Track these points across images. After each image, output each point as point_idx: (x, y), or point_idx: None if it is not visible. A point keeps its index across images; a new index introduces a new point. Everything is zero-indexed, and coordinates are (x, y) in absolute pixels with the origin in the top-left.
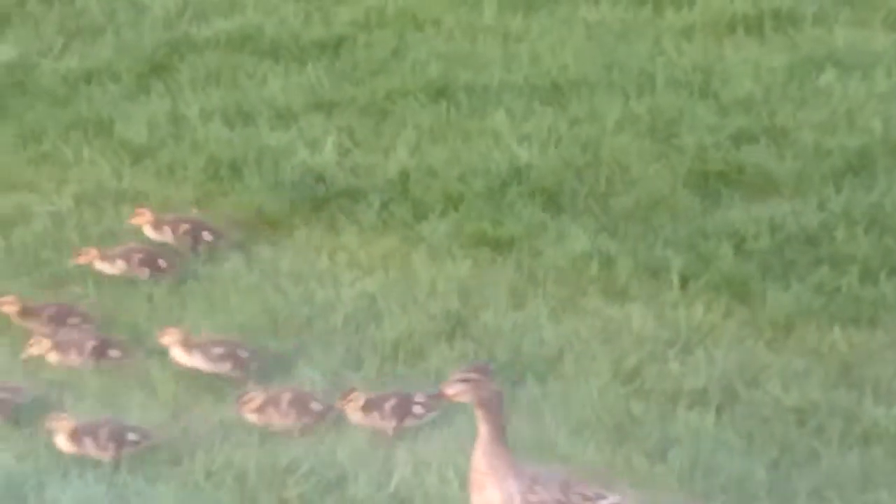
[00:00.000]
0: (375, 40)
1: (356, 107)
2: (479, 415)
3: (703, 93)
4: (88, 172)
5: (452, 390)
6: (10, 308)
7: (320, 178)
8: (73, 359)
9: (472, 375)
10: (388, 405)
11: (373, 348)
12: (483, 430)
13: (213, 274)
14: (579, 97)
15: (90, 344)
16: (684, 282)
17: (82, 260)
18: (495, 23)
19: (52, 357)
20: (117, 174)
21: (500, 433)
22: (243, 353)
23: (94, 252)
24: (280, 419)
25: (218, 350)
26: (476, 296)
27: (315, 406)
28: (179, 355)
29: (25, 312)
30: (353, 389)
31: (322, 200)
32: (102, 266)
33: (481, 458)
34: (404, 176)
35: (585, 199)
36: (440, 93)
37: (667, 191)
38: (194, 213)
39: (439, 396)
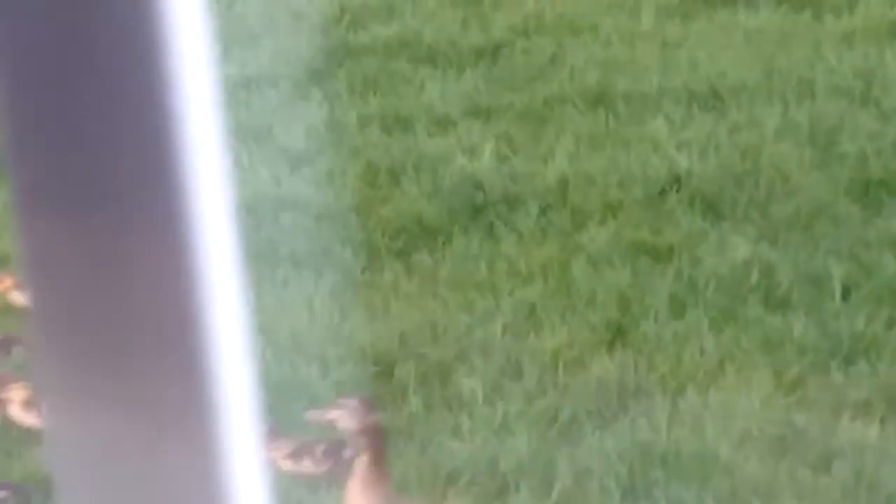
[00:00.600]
0: (533, 46)
1: (514, 113)
2: (359, 445)
3: (864, 100)
4: (247, 179)
5: (332, 416)
6: None
7: (478, 186)
8: None
9: (353, 403)
10: (319, 449)
11: (532, 358)
12: (362, 460)
13: (373, 282)
14: (738, 104)
15: None
16: (846, 291)
17: None
18: (653, 29)
19: None
20: (276, 180)
21: (380, 465)
22: None
23: None
24: None
25: None
26: (636, 305)
27: None
28: None
29: None
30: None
31: (480, 208)
32: None
33: (358, 488)
34: (563, 183)
35: (745, 207)
36: (598, 100)
37: (828, 199)
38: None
39: (320, 419)
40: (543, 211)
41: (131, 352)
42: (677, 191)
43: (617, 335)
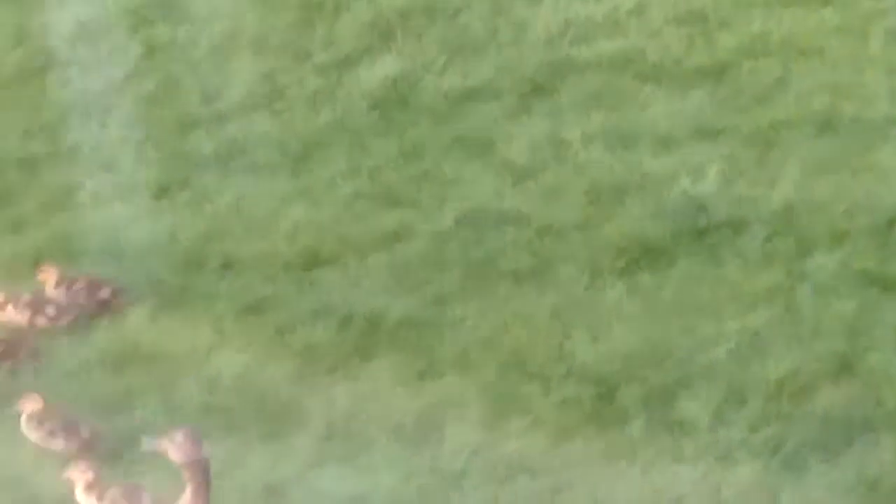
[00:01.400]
0: (759, 68)
1: (740, 136)
2: (185, 477)
3: None
4: (469, 192)
5: (161, 447)
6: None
7: (702, 208)
8: None
9: (180, 437)
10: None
11: (756, 385)
12: (187, 492)
13: (595, 300)
14: None
15: None
16: None
17: None
18: (881, 53)
19: None
20: (498, 194)
21: (202, 499)
22: None
23: None
24: None
25: None
26: (863, 336)
27: None
28: None
29: None
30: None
31: (704, 230)
32: None
33: None
34: (789, 209)
35: None
36: (825, 125)
37: None
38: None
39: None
40: (769, 236)
41: None
42: None
43: (843, 366)
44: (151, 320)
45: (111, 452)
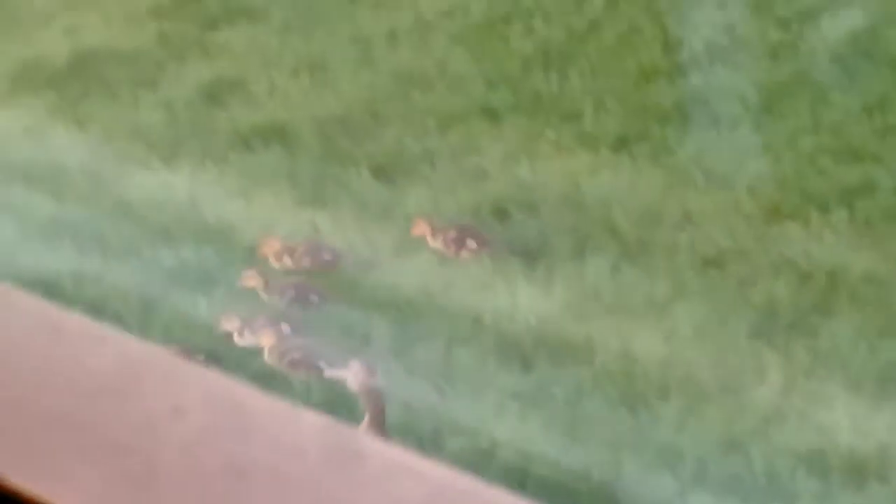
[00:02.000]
0: None
1: None
2: (362, 404)
3: None
4: None
5: (342, 374)
6: None
7: None
8: None
9: (356, 367)
10: None
11: None
12: (365, 419)
13: None
14: None
15: None
16: None
17: None
18: None
19: None
20: None
21: (379, 428)
22: None
23: None
24: None
25: None
26: None
27: None
28: None
29: None
30: None
31: None
32: None
33: None
34: None
35: None
36: None
37: None
38: None
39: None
40: None
41: None
42: None
43: None
44: (612, 271)
45: None
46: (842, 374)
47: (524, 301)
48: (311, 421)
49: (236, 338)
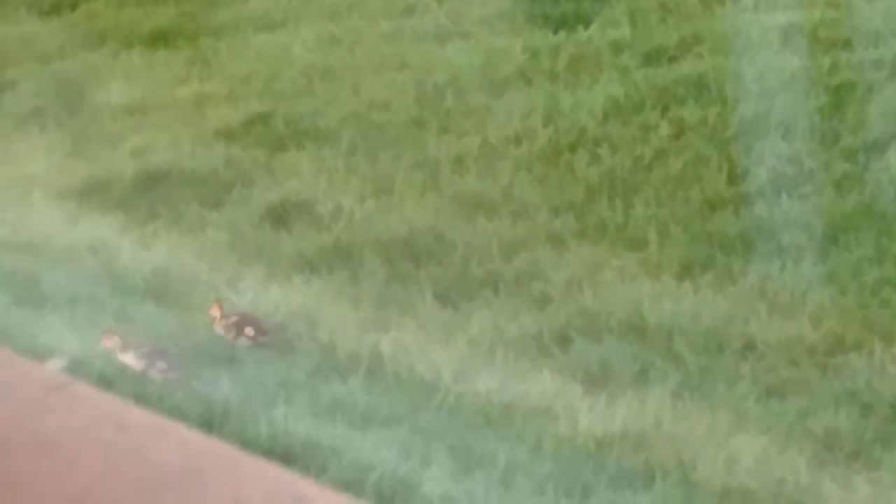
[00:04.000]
0: None
1: None
2: None
3: None
4: None
5: None
6: None
7: None
8: None
9: None
10: None
11: None
12: None
13: None
14: None
15: None
16: None
17: None
18: None
19: None
20: None
21: None
22: None
23: None
24: None
25: None
26: None
27: None
28: None
29: None
30: None
31: None
32: None
33: None
34: None
35: None
36: None
37: None
38: None
39: None
40: None
41: None
42: None
43: None
44: (674, 399)
45: None
46: None
47: (584, 426)
48: None
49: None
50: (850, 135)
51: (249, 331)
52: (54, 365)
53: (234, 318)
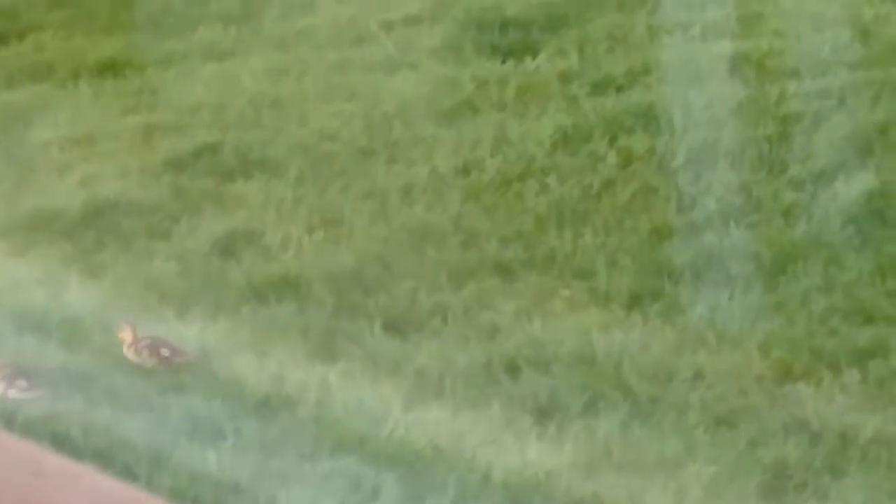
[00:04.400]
0: None
1: None
2: None
3: None
4: None
5: None
6: None
7: None
8: None
9: None
10: None
11: None
12: None
13: None
14: None
15: None
16: None
17: None
18: None
19: None
20: None
21: None
22: None
23: None
24: None
25: None
26: None
27: None
28: None
29: None
30: None
31: None
32: None
33: None
34: None
35: None
36: None
37: None
38: None
39: None
40: None
41: None
42: None
43: None
44: (622, 429)
45: None
46: None
47: (534, 457)
48: None
49: None
50: (798, 164)
51: (165, 351)
52: None
53: (146, 342)
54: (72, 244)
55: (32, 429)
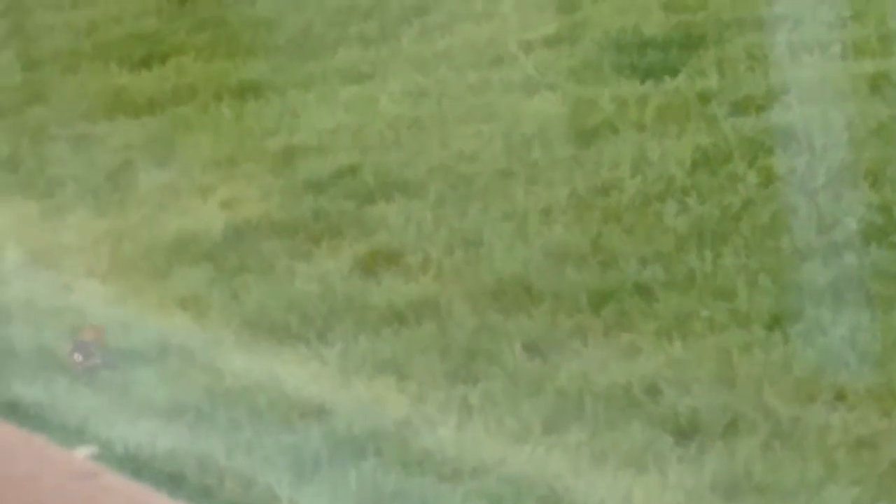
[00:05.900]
0: None
1: None
2: None
3: None
4: None
5: None
6: None
7: None
8: None
9: None
10: None
11: None
12: None
13: None
14: None
15: None
16: None
17: None
18: None
19: None
20: None
21: None
22: None
23: None
24: None
25: None
26: None
27: None
28: None
29: None
30: None
31: None
32: None
33: None
34: None
35: None
36: None
37: None
38: None
39: None
40: None
41: None
42: None
43: None
44: (763, 450)
45: None
46: None
47: (674, 478)
48: None
49: None
50: None
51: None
52: (83, 453)
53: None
54: (214, 266)
55: None
